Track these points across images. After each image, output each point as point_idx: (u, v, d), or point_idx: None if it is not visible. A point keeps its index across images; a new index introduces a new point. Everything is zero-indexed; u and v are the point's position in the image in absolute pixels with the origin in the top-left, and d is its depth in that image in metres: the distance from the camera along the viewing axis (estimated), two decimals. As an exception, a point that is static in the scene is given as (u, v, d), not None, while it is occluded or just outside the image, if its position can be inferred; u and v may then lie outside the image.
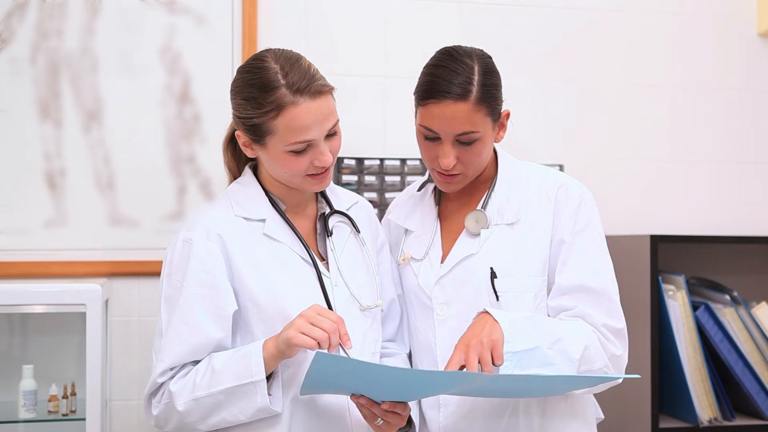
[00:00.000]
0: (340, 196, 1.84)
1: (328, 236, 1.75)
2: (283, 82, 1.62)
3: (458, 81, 1.68)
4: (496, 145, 1.86)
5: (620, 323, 1.73)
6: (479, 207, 1.78)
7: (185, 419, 1.61)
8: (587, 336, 1.66)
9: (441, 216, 1.86)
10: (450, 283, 1.76)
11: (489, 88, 1.70)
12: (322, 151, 1.66)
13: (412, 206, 1.90)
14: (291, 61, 1.65)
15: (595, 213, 1.78)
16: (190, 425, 1.61)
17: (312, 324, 1.53)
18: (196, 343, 1.61)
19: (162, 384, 1.63)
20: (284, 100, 1.61)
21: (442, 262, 1.79)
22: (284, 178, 1.70)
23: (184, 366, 1.63)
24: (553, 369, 1.61)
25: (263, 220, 1.70)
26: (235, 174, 1.82)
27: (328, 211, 1.79)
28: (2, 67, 2.56)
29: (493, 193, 1.79)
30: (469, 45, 1.84)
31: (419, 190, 1.92)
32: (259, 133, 1.65)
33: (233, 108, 1.70)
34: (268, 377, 1.59)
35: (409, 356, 1.86)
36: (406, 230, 1.88)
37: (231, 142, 1.81)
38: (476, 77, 1.69)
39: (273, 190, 1.74)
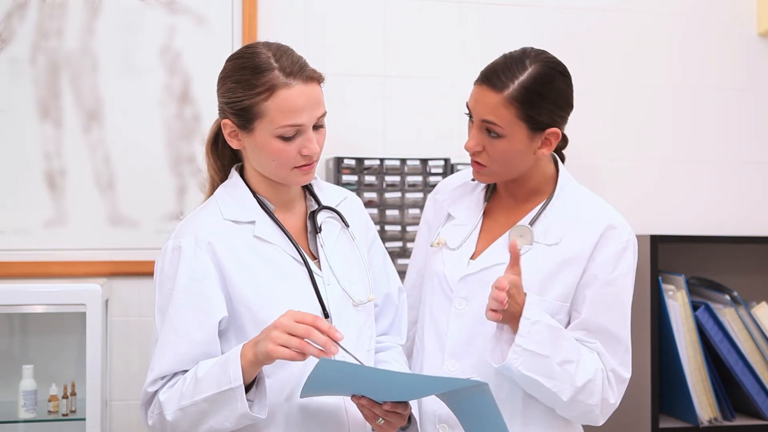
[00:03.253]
0: (328, 192, 1.83)
1: (317, 233, 1.74)
2: (276, 65, 1.62)
3: (502, 74, 1.71)
4: (560, 163, 1.86)
5: (627, 374, 1.77)
6: (527, 222, 1.78)
7: (176, 429, 1.59)
8: (596, 372, 1.71)
9: (486, 213, 1.86)
10: (474, 281, 1.78)
11: (531, 95, 1.70)
12: (311, 138, 1.64)
13: (462, 194, 1.91)
14: (282, 49, 1.66)
15: (635, 263, 1.79)
16: None
17: (289, 334, 1.49)
18: (184, 351, 1.60)
19: (154, 394, 1.61)
20: (277, 81, 1.60)
21: (473, 258, 1.80)
22: (270, 170, 1.68)
23: (174, 375, 1.61)
24: (552, 383, 1.67)
25: (253, 222, 1.68)
26: (215, 178, 1.80)
27: (316, 207, 1.78)
28: (2, 67, 2.56)
29: (544, 212, 1.79)
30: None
31: (473, 179, 1.90)
32: (248, 117, 1.63)
33: (221, 95, 1.69)
34: (252, 382, 1.57)
35: (407, 347, 1.88)
36: (449, 215, 1.89)
37: (214, 144, 1.79)
38: (523, 78, 1.70)
39: (260, 190, 1.72)
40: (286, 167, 1.65)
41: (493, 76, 1.71)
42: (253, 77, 1.62)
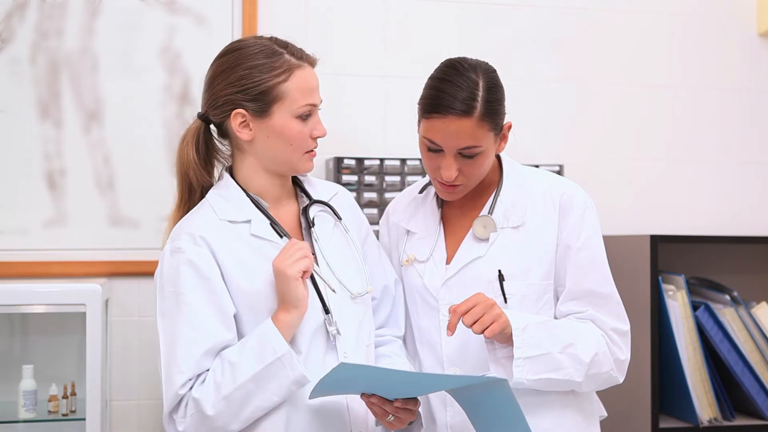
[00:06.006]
0: (318, 188, 1.84)
1: (311, 227, 1.74)
2: (283, 50, 1.67)
3: (462, 97, 1.68)
4: None
5: (626, 326, 1.79)
6: (486, 212, 1.80)
7: (216, 423, 1.57)
8: (597, 341, 1.73)
9: (444, 219, 1.87)
10: (456, 284, 1.78)
11: (492, 104, 1.71)
12: (319, 120, 1.70)
13: (415, 208, 1.91)
14: (278, 38, 1.71)
15: (597, 220, 1.82)
16: (222, 429, 1.58)
17: (288, 255, 1.59)
18: (210, 347, 1.60)
19: (183, 396, 1.59)
20: (292, 62, 1.66)
21: (447, 263, 1.81)
22: (283, 156, 1.68)
23: (200, 375, 1.60)
24: (562, 373, 1.69)
25: (249, 221, 1.69)
26: (201, 178, 1.75)
27: (308, 202, 1.78)
28: (2, 67, 2.56)
29: (498, 198, 1.81)
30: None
31: (421, 192, 1.92)
32: (267, 101, 1.64)
33: (228, 86, 1.67)
34: None
35: (404, 340, 1.88)
36: (408, 231, 1.89)
37: (197, 151, 1.75)
38: (480, 93, 1.69)
39: (252, 189, 1.72)
40: (300, 150, 1.68)
41: (455, 104, 1.68)
42: (269, 60, 1.65)
